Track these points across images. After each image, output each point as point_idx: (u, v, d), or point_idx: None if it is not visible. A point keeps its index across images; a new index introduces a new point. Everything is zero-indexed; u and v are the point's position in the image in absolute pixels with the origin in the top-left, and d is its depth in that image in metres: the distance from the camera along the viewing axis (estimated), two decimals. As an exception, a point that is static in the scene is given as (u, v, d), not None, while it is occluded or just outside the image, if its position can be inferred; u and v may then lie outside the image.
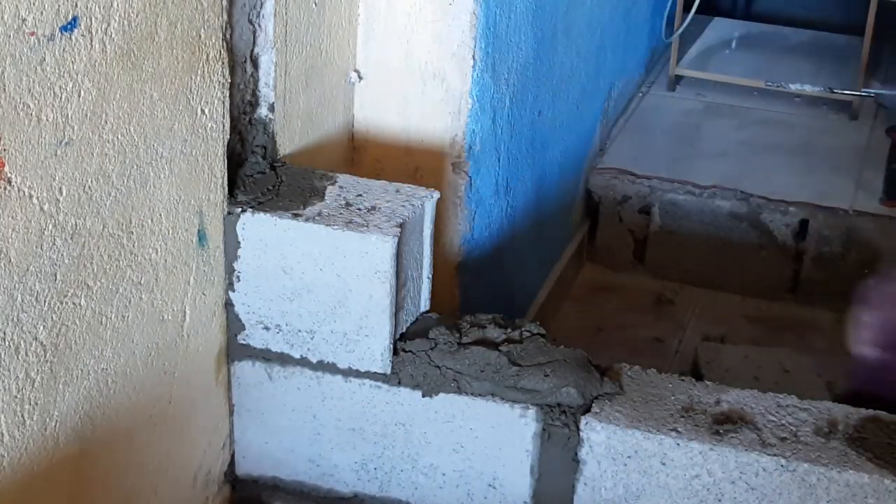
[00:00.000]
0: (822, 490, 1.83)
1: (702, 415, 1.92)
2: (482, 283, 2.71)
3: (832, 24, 4.61)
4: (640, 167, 3.66)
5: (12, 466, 1.56)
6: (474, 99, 2.43)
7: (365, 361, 1.99)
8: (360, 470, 2.09)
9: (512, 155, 2.76)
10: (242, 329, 2.03)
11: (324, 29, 2.21)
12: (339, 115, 2.36)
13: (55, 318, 1.60)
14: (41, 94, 1.48)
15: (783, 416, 1.92)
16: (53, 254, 1.57)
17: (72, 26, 1.51)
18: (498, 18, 2.48)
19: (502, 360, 1.96)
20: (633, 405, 1.95)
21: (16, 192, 1.48)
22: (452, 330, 2.01)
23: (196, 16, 1.77)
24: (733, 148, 3.83)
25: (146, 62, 1.68)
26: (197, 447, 2.03)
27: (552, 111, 3.06)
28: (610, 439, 1.91)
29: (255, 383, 2.07)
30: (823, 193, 3.54)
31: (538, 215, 3.09)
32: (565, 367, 1.96)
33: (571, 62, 3.16)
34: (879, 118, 3.99)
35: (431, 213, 2.03)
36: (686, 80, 4.23)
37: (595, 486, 1.95)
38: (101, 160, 1.63)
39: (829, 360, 3.18)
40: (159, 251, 1.81)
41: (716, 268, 3.56)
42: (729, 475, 1.87)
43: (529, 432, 1.97)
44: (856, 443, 1.87)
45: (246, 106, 2.04)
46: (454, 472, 2.04)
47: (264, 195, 1.98)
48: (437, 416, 2.00)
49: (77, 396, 1.67)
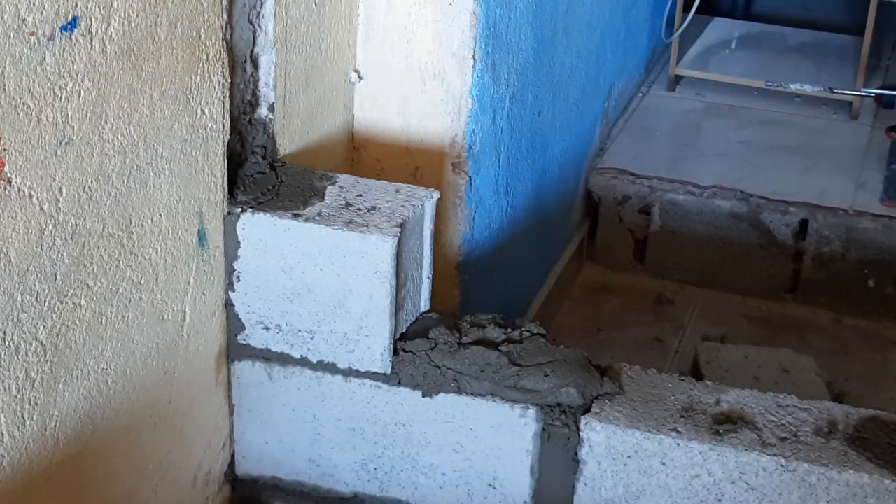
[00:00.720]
0: (822, 490, 1.83)
1: (702, 415, 1.93)
2: (482, 283, 2.71)
3: (832, 24, 4.61)
4: (640, 167, 3.66)
5: (12, 466, 1.56)
6: (474, 99, 2.43)
7: (365, 361, 1.99)
8: (360, 470, 2.09)
9: (512, 155, 2.76)
10: (242, 329, 2.03)
11: (324, 29, 2.21)
12: (339, 115, 2.37)
13: (55, 318, 1.60)
14: (41, 94, 1.48)
15: (783, 416, 1.92)
16: (53, 254, 1.57)
17: (72, 26, 1.51)
18: (498, 18, 2.48)
19: (502, 360, 1.96)
20: (633, 405, 1.95)
21: (16, 192, 1.48)
22: (452, 330, 2.01)
23: (196, 16, 1.77)
24: (733, 148, 3.83)
25: (146, 62, 1.68)
26: (197, 447, 2.03)
27: (552, 111, 3.06)
28: (610, 439, 1.91)
29: (255, 383, 2.07)
30: (823, 193, 3.54)
31: (538, 215, 3.09)
32: (565, 367, 1.96)
33: (571, 62, 3.16)
34: (879, 118, 3.99)
35: (431, 213, 2.03)
36: (686, 80, 4.23)
37: (595, 486, 1.95)
38: (101, 160, 1.63)
39: (829, 360, 3.19)
40: (159, 251, 1.81)
41: (716, 268, 3.56)
42: (729, 475, 1.87)
43: (529, 432, 1.97)
44: (856, 443, 1.87)
45: (246, 106, 2.04)
46: (454, 472, 2.04)
47: (264, 195, 1.98)
48: (437, 416, 2.00)
49: (77, 396, 1.67)
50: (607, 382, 1.97)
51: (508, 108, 2.66)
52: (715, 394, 1.97)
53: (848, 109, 4.07)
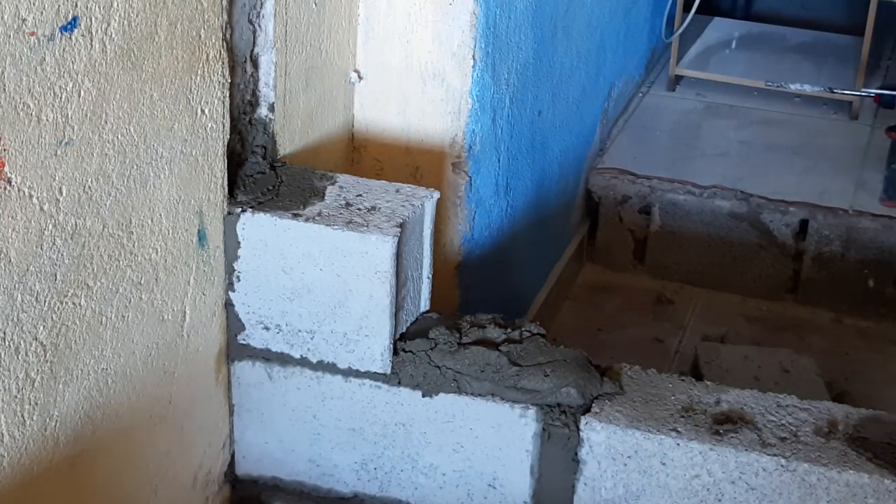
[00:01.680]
0: (822, 490, 1.83)
1: (702, 415, 1.93)
2: (482, 283, 2.71)
3: (832, 24, 4.61)
4: (640, 167, 3.66)
5: (12, 466, 1.56)
6: (474, 99, 2.43)
7: (365, 361, 1.99)
8: (360, 470, 2.09)
9: (512, 155, 2.76)
10: (242, 329, 2.03)
11: (324, 29, 2.21)
12: (339, 115, 2.37)
13: (55, 318, 1.60)
14: (41, 94, 1.48)
15: (783, 416, 1.92)
16: (53, 254, 1.57)
17: (72, 26, 1.51)
18: (498, 18, 2.48)
19: (502, 360, 1.96)
20: (633, 405, 1.95)
21: (16, 192, 1.48)
22: (452, 330, 2.01)
23: (196, 16, 1.77)
24: (733, 148, 3.83)
25: (146, 62, 1.68)
26: (197, 447, 2.03)
27: (552, 111, 3.06)
28: (610, 439, 1.91)
29: (255, 383, 2.07)
30: (823, 193, 3.54)
31: (538, 215, 3.09)
32: (565, 367, 1.96)
33: (571, 62, 3.16)
34: (879, 118, 3.99)
35: (431, 213, 2.03)
36: (686, 80, 4.22)
37: (595, 486, 1.95)
38: (101, 160, 1.62)
39: (829, 360, 3.19)
40: (159, 251, 1.81)
41: (716, 268, 3.56)
42: (729, 475, 1.87)
43: (529, 432, 1.97)
44: (856, 443, 1.87)
45: (246, 106, 2.04)
46: (454, 472, 2.04)
47: (264, 195, 1.98)
48: (437, 416, 2.00)
49: (77, 396, 1.67)
50: (607, 382, 1.97)
51: (508, 108, 2.66)
52: (715, 394, 1.97)
53: (848, 109, 4.06)
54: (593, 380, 1.96)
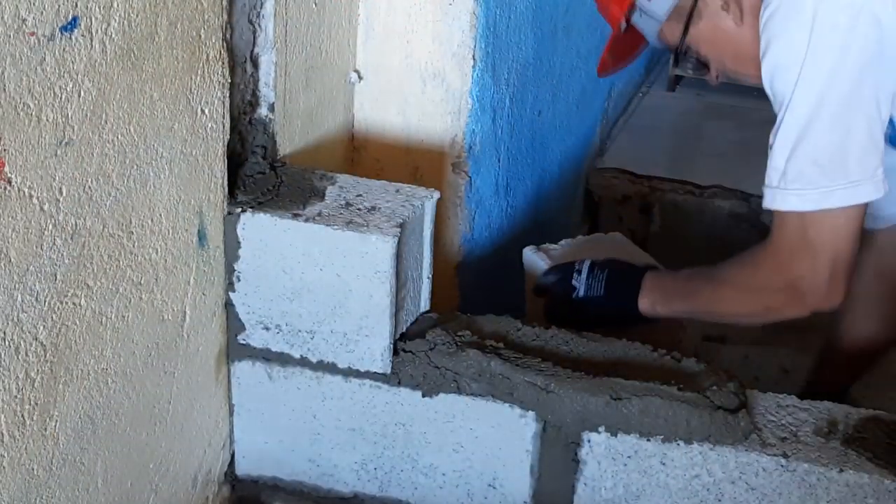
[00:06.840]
0: (822, 490, 1.83)
1: (702, 415, 1.92)
2: (482, 283, 2.71)
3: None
4: (640, 167, 3.66)
5: (12, 466, 1.56)
6: (474, 99, 2.43)
7: (365, 361, 1.99)
8: (360, 470, 2.09)
9: (512, 155, 2.76)
10: (242, 329, 2.03)
11: (324, 29, 2.21)
12: (339, 115, 2.37)
13: (55, 318, 1.60)
14: (41, 94, 1.48)
15: (783, 416, 1.92)
16: (53, 254, 1.57)
17: (72, 26, 1.51)
18: (498, 18, 2.48)
19: (497, 366, 1.95)
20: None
21: (16, 192, 1.47)
22: (451, 331, 2.01)
23: (196, 16, 1.77)
24: (733, 148, 3.83)
25: (146, 62, 1.68)
26: (197, 447, 2.03)
27: (552, 111, 3.06)
28: (610, 439, 1.91)
29: (255, 383, 2.07)
30: (823, 193, 3.53)
31: (538, 215, 3.09)
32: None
33: (571, 62, 3.16)
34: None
35: (431, 213, 2.03)
36: (686, 80, 4.23)
37: (595, 486, 1.95)
38: (101, 160, 1.62)
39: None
40: (159, 251, 1.80)
41: (716, 268, 3.55)
42: (729, 475, 1.87)
43: (529, 432, 1.97)
44: (856, 443, 1.87)
45: (246, 106, 2.04)
46: (454, 472, 2.04)
47: (264, 195, 1.98)
48: (437, 416, 2.00)
49: (77, 396, 1.67)
50: (607, 382, 1.97)
51: (508, 108, 2.66)
52: (715, 394, 1.96)
53: (848, 109, 4.06)
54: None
